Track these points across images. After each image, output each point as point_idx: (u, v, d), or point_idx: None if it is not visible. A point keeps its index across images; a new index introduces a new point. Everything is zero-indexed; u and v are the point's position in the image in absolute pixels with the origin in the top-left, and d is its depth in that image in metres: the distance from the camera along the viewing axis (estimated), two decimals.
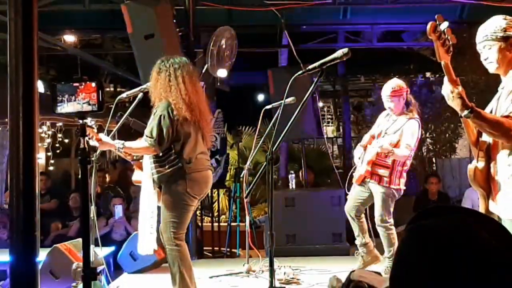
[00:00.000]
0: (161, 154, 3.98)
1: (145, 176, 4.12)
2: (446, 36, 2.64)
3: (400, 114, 5.21)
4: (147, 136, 3.93)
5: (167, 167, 3.98)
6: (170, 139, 3.93)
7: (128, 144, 3.96)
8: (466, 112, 2.68)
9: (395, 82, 5.26)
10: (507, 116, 2.76)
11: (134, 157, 4.27)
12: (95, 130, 3.64)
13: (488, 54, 2.88)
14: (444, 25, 2.63)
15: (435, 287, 1.01)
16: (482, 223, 1.09)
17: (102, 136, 3.77)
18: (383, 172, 5.18)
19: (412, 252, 1.05)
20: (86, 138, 3.02)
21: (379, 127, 5.38)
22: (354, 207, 5.38)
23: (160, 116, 3.91)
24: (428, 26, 2.61)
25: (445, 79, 2.73)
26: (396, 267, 1.08)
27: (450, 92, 2.70)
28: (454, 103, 2.71)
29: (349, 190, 5.47)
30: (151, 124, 3.94)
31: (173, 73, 3.99)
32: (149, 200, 4.09)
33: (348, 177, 5.52)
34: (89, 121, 3.36)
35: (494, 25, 2.85)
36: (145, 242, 4.12)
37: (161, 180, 4.03)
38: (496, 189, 2.84)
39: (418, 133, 5.19)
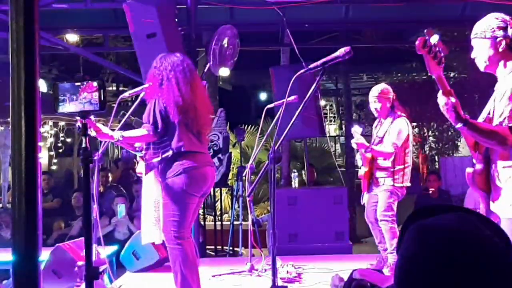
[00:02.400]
0: (157, 141, 3.98)
1: (144, 165, 4.13)
2: (437, 48, 2.62)
3: (386, 116, 5.36)
4: (144, 123, 3.96)
5: (162, 152, 3.97)
6: (165, 121, 3.93)
7: (127, 133, 3.94)
8: (460, 124, 2.69)
9: (383, 85, 5.46)
10: (501, 123, 2.76)
11: (137, 148, 4.26)
12: (93, 120, 3.63)
13: (477, 53, 2.90)
14: (434, 39, 2.61)
15: (439, 285, 1.00)
16: (483, 222, 1.09)
17: (100, 126, 3.76)
18: (384, 174, 5.27)
19: (416, 251, 1.05)
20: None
21: (373, 134, 5.54)
22: (371, 212, 5.40)
23: (155, 101, 3.94)
24: (417, 43, 2.59)
25: (440, 91, 2.73)
26: (400, 266, 1.08)
27: (444, 104, 2.70)
28: (448, 115, 2.71)
29: (363, 200, 5.51)
30: (147, 111, 3.97)
31: (165, 76, 3.99)
32: (151, 191, 4.08)
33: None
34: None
35: (485, 24, 2.87)
36: (148, 231, 4.10)
37: (155, 166, 4.02)
38: (496, 190, 2.85)
39: (406, 130, 5.28)
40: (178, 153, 3.95)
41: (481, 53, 2.88)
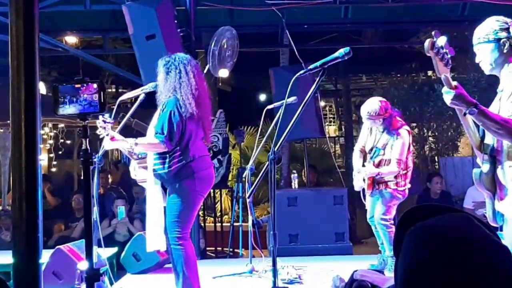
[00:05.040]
0: (167, 152, 3.99)
1: (149, 175, 4.13)
2: (445, 50, 2.63)
3: (384, 128, 5.29)
4: (158, 133, 3.95)
5: (171, 164, 3.98)
6: (180, 135, 3.95)
7: (140, 141, 3.97)
8: (471, 107, 2.66)
9: (371, 107, 5.23)
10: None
11: (139, 156, 4.26)
12: (110, 126, 3.68)
13: (482, 57, 2.91)
14: (442, 41, 2.61)
15: (443, 285, 1.00)
16: (478, 220, 1.09)
17: (115, 134, 3.81)
18: (387, 178, 5.27)
19: (421, 254, 1.04)
20: (102, 134, 3.03)
21: (368, 140, 5.44)
22: (372, 214, 5.40)
23: (170, 111, 3.94)
24: (426, 44, 2.60)
25: (444, 89, 2.71)
26: (404, 270, 1.07)
27: (450, 95, 2.68)
28: (457, 105, 2.69)
29: (365, 199, 5.49)
30: (161, 121, 3.96)
31: (183, 70, 4.02)
32: (155, 198, 4.09)
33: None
34: (107, 117, 3.44)
35: (486, 27, 2.88)
36: (153, 239, 4.11)
37: (163, 177, 4.03)
38: (502, 189, 2.85)
39: (408, 141, 5.27)
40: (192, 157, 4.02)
41: (486, 56, 2.89)
